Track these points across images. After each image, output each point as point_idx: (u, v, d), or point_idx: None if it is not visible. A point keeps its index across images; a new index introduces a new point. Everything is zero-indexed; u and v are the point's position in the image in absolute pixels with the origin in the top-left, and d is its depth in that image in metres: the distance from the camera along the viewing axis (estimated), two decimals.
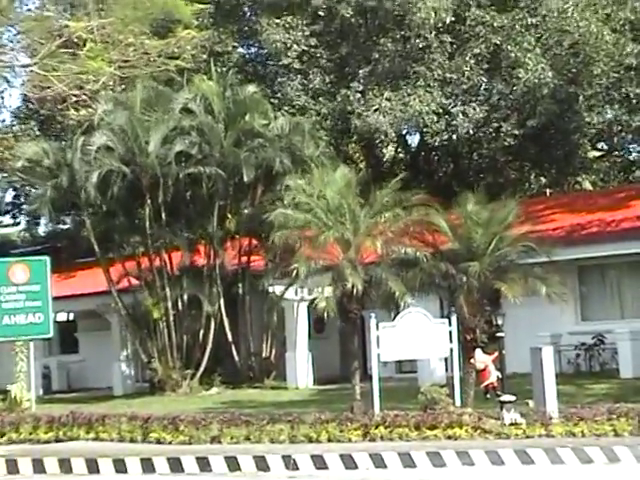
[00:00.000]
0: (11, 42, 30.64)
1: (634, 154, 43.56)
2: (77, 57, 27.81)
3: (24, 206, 44.31)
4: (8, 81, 31.85)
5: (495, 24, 32.82)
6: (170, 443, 17.90)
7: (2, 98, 37.16)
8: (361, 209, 20.92)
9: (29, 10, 32.88)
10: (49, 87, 28.09)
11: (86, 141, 30.19)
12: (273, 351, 31.52)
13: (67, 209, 37.54)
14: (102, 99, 30.12)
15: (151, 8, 28.70)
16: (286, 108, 33.96)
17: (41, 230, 47.35)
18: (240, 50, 38.87)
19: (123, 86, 31.21)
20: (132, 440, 18.54)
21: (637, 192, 32.21)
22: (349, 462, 15.58)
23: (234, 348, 31.38)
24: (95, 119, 30.09)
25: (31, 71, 29.25)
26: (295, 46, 34.17)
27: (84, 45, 28.04)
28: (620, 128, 38.46)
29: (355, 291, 20.02)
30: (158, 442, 18.09)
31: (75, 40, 28.25)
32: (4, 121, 41.35)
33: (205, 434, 17.91)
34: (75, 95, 28.55)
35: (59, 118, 34.90)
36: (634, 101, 34.53)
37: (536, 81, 31.92)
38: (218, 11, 35.24)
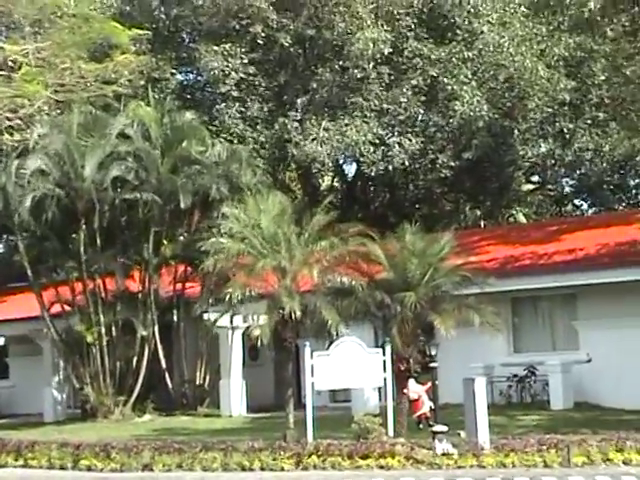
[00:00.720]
0: None
1: (567, 188, 44.19)
2: (12, 80, 27.59)
3: None
4: None
5: (432, 56, 33.20)
6: (101, 470, 17.80)
7: None
8: (297, 237, 20.98)
9: None
10: None
11: (20, 165, 29.88)
12: (207, 378, 31.36)
13: (0, 233, 37.12)
14: (38, 123, 29.86)
15: (88, 32, 28.57)
16: (224, 135, 33.93)
17: None
18: (178, 76, 38.79)
19: (59, 110, 30.98)
20: (62, 467, 18.40)
21: (569, 225, 32.70)
22: None
23: (168, 375, 31.17)
24: (30, 143, 29.83)
25: None
26: (233, 74, 34.19)
27: (19, 68, 27.82)
28: (554, 162, 39.03)
29: (292, 318, 20.05)
30: (89, 469, 17.99)
31: (10, 63, 28.05)
32: None
33: (137, 461, 17.82)
34: (9, 119, 28.30)
35: None
36: (567, 136, 35.11)
37: (472, 114, 32.33)
38: (156, 37, 35.14)
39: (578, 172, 41.04)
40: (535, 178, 42.75)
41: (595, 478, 15.56)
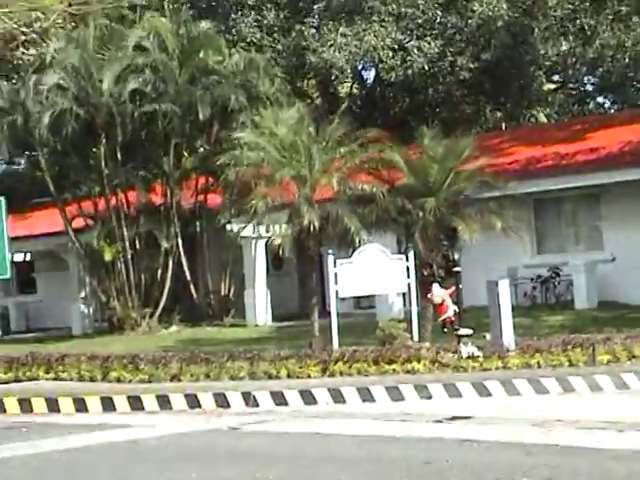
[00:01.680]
0: None
1: (589, 86, 43.68)
2: None
3: None
4: None
5: None
6: (130, 382, 17.98)
7: None
8: (316, 145, 20.88)
9: None
10: None
11: (38, 80, 29.79)
12: (232, 289, 31.55)
13: (22, 149, 37.16)
14: (54, 37, 29.71)
15: None
16: (241, 45, 33.65)
17: None
18: None
19: (74, 23, 30.83)
20: (92, 379, 18.61)
21: (592, 125, 32.34)
22: (308, 398, 15.73)
23: (192, 286, 31.38)
24: (47, 57, 29.72)
25: None
26: None
27: None
28: (575, 60, 38.53)
29: (312, 228, 20.06)
30: (118, 381, 18.17)
31: None
32: None
33: (165, 372, 17.99)
34: (25, 33, 28.18)
35: (9, 57, 34.41)
36: (589, 32, 34.57)
37: (491, 13, 31.89)
38: None
39: (600, 69, 40.48)
40: (556, 77, 42.24)
41: (621, 375, 15.63)
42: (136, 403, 16.32)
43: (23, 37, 28.50)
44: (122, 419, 15.43)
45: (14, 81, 34.46)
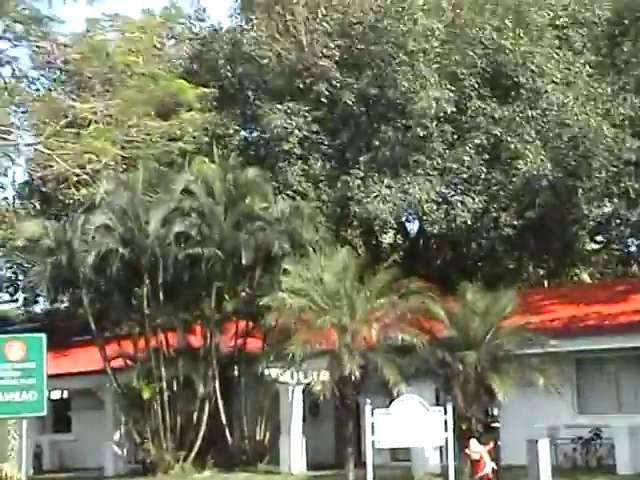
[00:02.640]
0: (18, 121, 31.05)
1: (632, 247, 43.68)
2: (81, 137, 28.13)
3: (22, 283, 44.23)
4: (12, 159, 32.11)
5: (496, 115, 33.15)
6: None
7: (6, 176, 37.38)
8: (358, 294, 20.96)
9: (37, 90, 33.35)
10: (52, 166, 28.38)
11: (86, 220, 30.31)
12: (267, 434, 31.25)
13: (65, 287, 37.54)
14: (104, 179, 30.36)
15: (156, 90, 29.13)
16: (287, 192, 34.09)
17: (38, 307, 47.23)
18: (242, 133, 39.14)
19: (125, 166, 31.51)
20: None
21: (635, 286, 32.24)
22: None
23: (228, 430, 31.11)
24: (96, 198, 30.30)
25: (35, 150, 29.54)
26: (296, 131, 34.45)
27: (89, 125, 28.39)
28: (619, 221, 38.64)
29: (352, 376, 19.97)
30: None
31: (80, 120, 28.62)
32: (6, 199, 41.56)
33: None
34: (77, 174, 28.83)
35: (60, 197, 35.12)
36: (633, 195, 34.71)
37: (535, 173, 32.15)
38: (221, 94, 35.58)
39: None
40: (600, 237, 42.31)
41: None
42: None
43: (75, 178, 29.09)
44: None
45: (63, 221, 35.07)
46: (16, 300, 46.86)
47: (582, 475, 24.32)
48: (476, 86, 33.68)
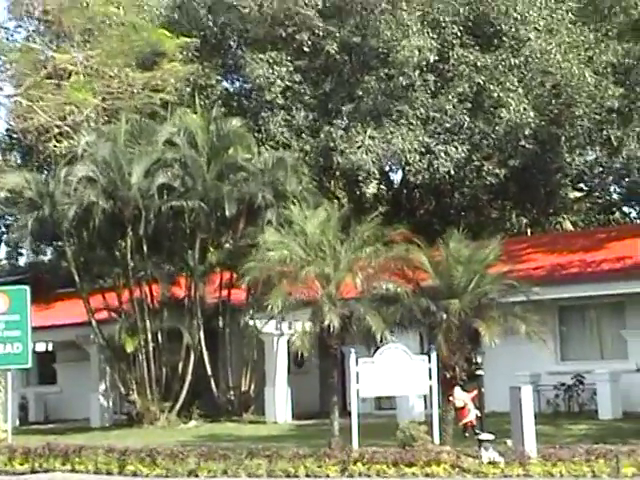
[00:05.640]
0: None
1: (615, 195, 43.82)
2: (61, 88, 27.90)
3: (5, 236, 44.16)
4: None
5: (478, 64, 33.02)
6: (147, 476, 17.86)
7: None
8: (342, 245, 20.96)
9: (15, 41, 33.05)
10: (32, 118, 28.16)
11: (69, 172, 30.18)
12: (252, 385, 31.42)
13: (48, 240, 37.47)
14: (85, 130, 30.18)
15: (137, 41, 28.82)
16: (270, 143, 34.02)
17: (22, 260, 47.22)
18: (224, 84, 38.97)
19: (107, 118, 31.29)
20: (108, 472, 18.49)
21: (617, 233, 32.41)
22: None
23: (213, 381, 31.27)
24: (78, 150, 30.15)
25: (15, 101, 29.30)
26: (279, 81, 34.28)
27: (69, 76, 28.14)
28: (601, 169, 38.70)
29: (333, 327, 20.02)
30: (134, 475, 18.04)
31: (60, 71, 28.36)
32: None
33: (182, 467, 17.86)
34: (58, 126, 28.63)
35: (42, 149, 34.91)
36: (615, 143, 34.77)
37: (518, 121, 32.10)
38: (203, 45, 35.32)
39: (626, 180, 40.67)
40: (582, 186, 42.42)
41: None
42: None
43: (56, 130, 28.90)
44: None
45: (45, 173, 34.92)
46: None
47: (565, 420, 24.57)
48: (459, 34, 33.52)
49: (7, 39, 32.37)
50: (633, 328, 26.52)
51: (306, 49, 34.88)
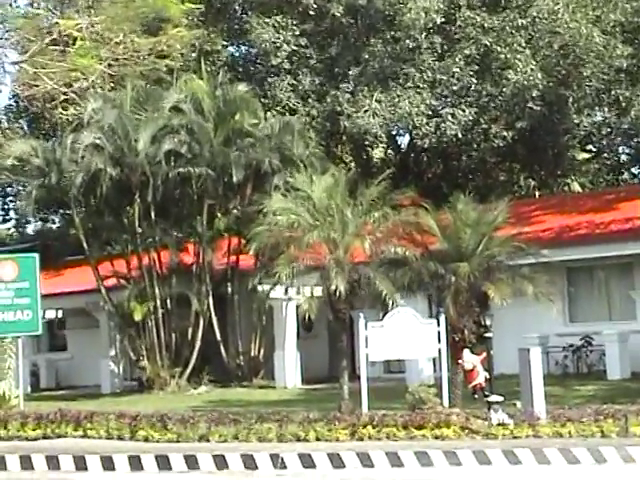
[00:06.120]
0: (1, 39, 30.68)
1: (623, 156, 43.67)
2: (67, 55, 27.84)
3: (13, 204, 44.24)
4: None
5: (485, 25, 32.85)
6: (158, 441, 17.90)
7: None
8: (350, 209, 20.94)
9: (19, 7, 32.97)
10: (38, 85, 28.11)
11: (75, 139, 30.17)
12: (262, 350, 31.53)
13: (56, 207, 37.52)
14: (91, 97, 30.14)
15: (141, 6, 28.72)
16: (276, 108, 33.96)
17: (30, 228, 47.34)
18: (230, 49, 38.89)
19: (113, 84, 31.25)
20: (120, 438, 18.54)
21: (626, 194, 32.30)
22: (337, 461, 15.62)
23: (223, 347, 31.37)
24: (84, 117, 30.11)
25: (21, 68, 29.25)
26: (285, 46, 34.16)
27: (74, 43, 28.07)
28: (609, 130, 38.54)
29: (340, 292, 20.03)
30: (146, 440, 18.09)
31: (65, 38, 28.28)
32: None
33: (193, 432, 17.92)
34: (64, 93, 28.59)
35: (48, 116, 34.88)
36: (623, 104, 34.55)
37: (525, 83, 31.93)
38: (208, 10, 35.18)
39: (635, 140, 40.50)
40: (590, 147, 42.27)
41: None
42: (164, 463, 16.24)
43: (62, 97, 28.85)
44: (149, 478, 15.33)
45: (51, 140, 34.90)
46: (8, 220, 46.92)
47: (573, 381, 24.65)
48: None
49: (10, 5, 32.22)
50: None
51: (312, 12, 34.74)
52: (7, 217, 46.98)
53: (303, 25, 34.81)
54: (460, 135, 34.10)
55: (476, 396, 19.19)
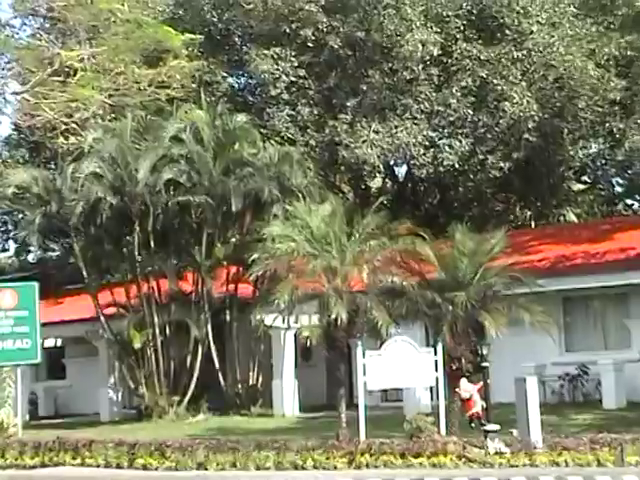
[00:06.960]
0: (2, 70, 30.99)
1: (618, 187, 43.97)
2: (68, 85, 28.12)
3: (13, 232, 44.36)
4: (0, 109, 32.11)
5: (482, 57, 33.16)
6: (156, 469, 18.04)
7: None
8: (348, 238, 21.13)
9: (21, 38, 33.24)
10: (39, 115, 28.39)
11: (75, 168, 30.40)
12: (260, 378, 31.62)
13: (56, 236, 37.67)
14: (92, 127, 30.40)
15: (142, 38, 29.07)
16: (275, 139, 34.16)
17: (30, 257, 47.42)
18: (230, 80, 39.11)
19: (113, 114, 31.52)
20: (119, 466, 18.66)
21: (621, 225, 32.56)
22: None
23: (221, 375, 31.44)
24: (85, 147, 30.36)
25: (22, 99, 29.53)
26: (284, 77, 34.42)
27: (75, 73, 28.37)
28: (604, 161, 38.83)
29: (340, 320, 20.20)
30: (144, 468, 18.22)
31: (66, 68, 28.58)
32: None
33: (191, 460, 18.05)
34: (65, 123, 28.88)
35: (49, 145, 35.11)
36: (617, 135, 34.90)
37: (521, 114, 32.26)
38: (208, 41, 35.46)
39: (629, 172, 40.81)
40: (585, 178, 42.56)
41: None
42: None
43: (63, 126, 29.13)
44: None
45: (52, 169, 35.14)
46: (7, 249, 47.05)
47: (569, 410, 24.76)
48: (462, 28, 33.68)
49: (13, 37, 32.52)
50: (636, 318, 26.68)
51: (310, 44, 35.00)
52: (6, 245, 47.16)
53: (302, 56, 35.09)
54: (457, 165, 34.37)
55: (473, 425, 19.34)
